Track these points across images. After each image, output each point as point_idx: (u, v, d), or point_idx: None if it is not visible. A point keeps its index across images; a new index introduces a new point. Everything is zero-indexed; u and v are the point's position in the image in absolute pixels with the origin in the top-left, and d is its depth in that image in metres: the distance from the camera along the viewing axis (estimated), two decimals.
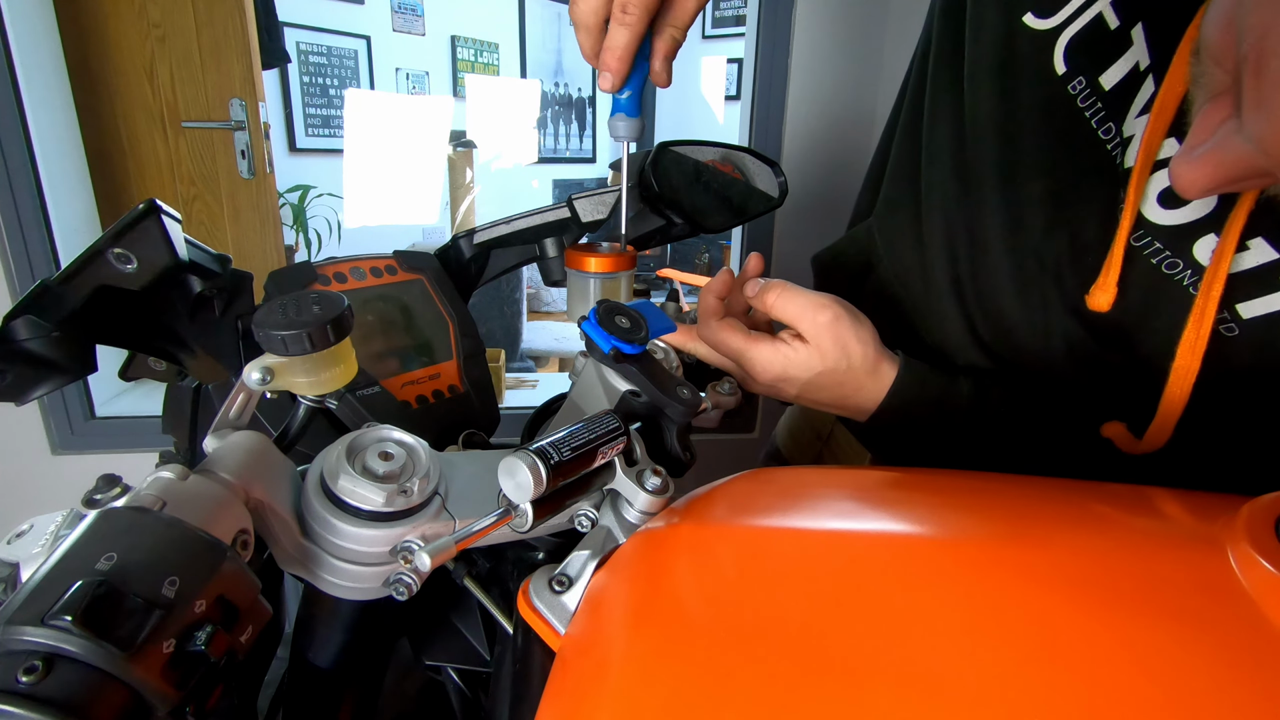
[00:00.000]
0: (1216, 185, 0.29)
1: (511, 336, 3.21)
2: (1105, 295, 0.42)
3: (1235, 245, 0.37)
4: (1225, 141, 0.27)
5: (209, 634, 0.25)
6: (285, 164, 3.27)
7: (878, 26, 1.40)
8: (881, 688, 0.21)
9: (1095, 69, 0.42)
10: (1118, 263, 0.41)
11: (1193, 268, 0.40)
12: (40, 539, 0.33)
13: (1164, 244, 0.41)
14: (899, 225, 0.56)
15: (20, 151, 1.30)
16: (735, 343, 0.49)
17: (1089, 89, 0.42)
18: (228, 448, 0.34)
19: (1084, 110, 0.43)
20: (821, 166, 1.46)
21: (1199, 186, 0.29)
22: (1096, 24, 0.42)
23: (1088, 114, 0.43)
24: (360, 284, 0.51)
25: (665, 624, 0.25)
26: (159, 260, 0.38)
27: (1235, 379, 0.40)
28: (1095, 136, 0.43)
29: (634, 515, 0.36)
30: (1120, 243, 0.41)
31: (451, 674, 0.51)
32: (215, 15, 1.92)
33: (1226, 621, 0.22)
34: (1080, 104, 0.43)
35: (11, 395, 0.37)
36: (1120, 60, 0.41)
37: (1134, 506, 0.32)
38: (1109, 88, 0.42)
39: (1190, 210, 0.40)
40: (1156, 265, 0.41)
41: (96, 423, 1.46)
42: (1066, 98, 0.43)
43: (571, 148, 4.74)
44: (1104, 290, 0.42)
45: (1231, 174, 0.28)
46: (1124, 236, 0.41)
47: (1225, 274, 0.38)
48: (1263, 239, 0.38)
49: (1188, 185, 0.30)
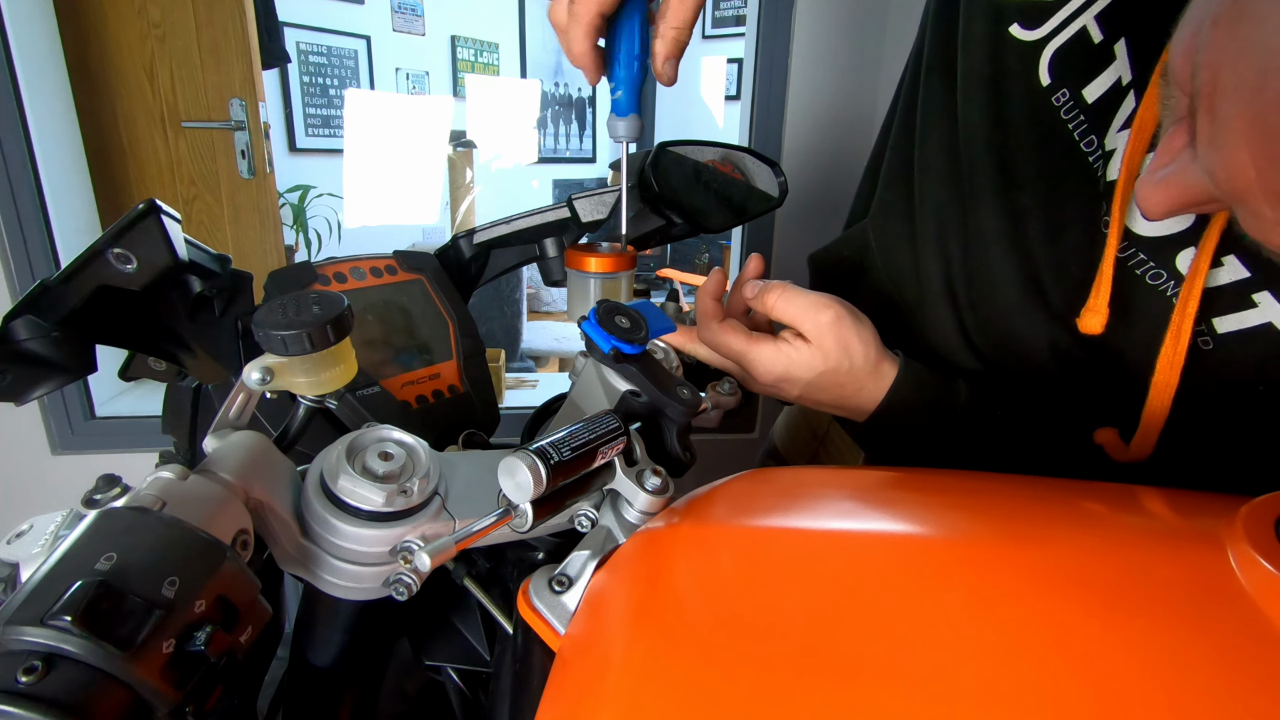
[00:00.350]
0: (1177, 209, 0.30)
1: (511, 336, 3.21)
2: (1097, 318, 0.41)
3: (1210, 260, 0.38)
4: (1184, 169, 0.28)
5: (209, 634, 0.25)
6: (285, 164, 3.27)
7: (878, 26, 1.40)
8: (882, 687, 0.21)
9: (1079, 81, 0.42)
10: (1107, 282, 0.41)
11: (1176, 279, 0.40)
12: (40, 539, 0.33)
13: (1148, 255, 0.41)
14: (893, 228, 0.56)
15: (20, 151, 1.30)
16: (737, 344, 0.50)
17: (1072, 101, 0.43)
18: (228, 448, 0.34)
19: (1068, 122, 0.43)
20: (821, 167, 1.46)
21: (1161, 209, 0.30)
22: (1081, 37, 0.42)
23: (1070, 125, 0.43)
24: (360, 284, 0.51)
25: (665, 624, 0.25)
26: (159, 260, 0.38)
27: (1213, 392, 0.41)
28: (1078, 148, 0.43)
29: (634, 515, 0.36)
30: (1109, 261, 0.41)
31: (451, 674, 0.51)
32: (215, 15, 1.92)
33: (1226, 621, 0.22)
34: (1064, 115, 0.43)
35: (11, 395, 0.37)
36: (1103, 74, 0.41)
37: (1133, 507, 0.32)
38: (1092, 101, 0.42)
39: (1173, 222, 0.40)
40: (1140, 276, 0.42)
41: (96, 423, 1.46)
42: (1051, 109, 0.43)
43: (571, 148, 4.73)
44: (1095, 313, 0.41)
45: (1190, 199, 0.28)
46: (1111, 255, 0.41)
47: (1200, 289, 0.38)
48: (1235, 256, 0.38)
49: (1151, 207, 0.30)
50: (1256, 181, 0.22)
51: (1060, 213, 0.44)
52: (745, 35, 1.42)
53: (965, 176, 0.48)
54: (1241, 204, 0.24)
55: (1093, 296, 0.42)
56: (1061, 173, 0.44)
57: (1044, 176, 0.45)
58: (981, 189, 0.47)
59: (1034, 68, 0.44)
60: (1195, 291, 0.38)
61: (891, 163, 0.57)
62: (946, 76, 0.49)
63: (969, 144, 0.48)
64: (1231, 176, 0.23)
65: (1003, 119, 0.46)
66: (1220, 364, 0.40)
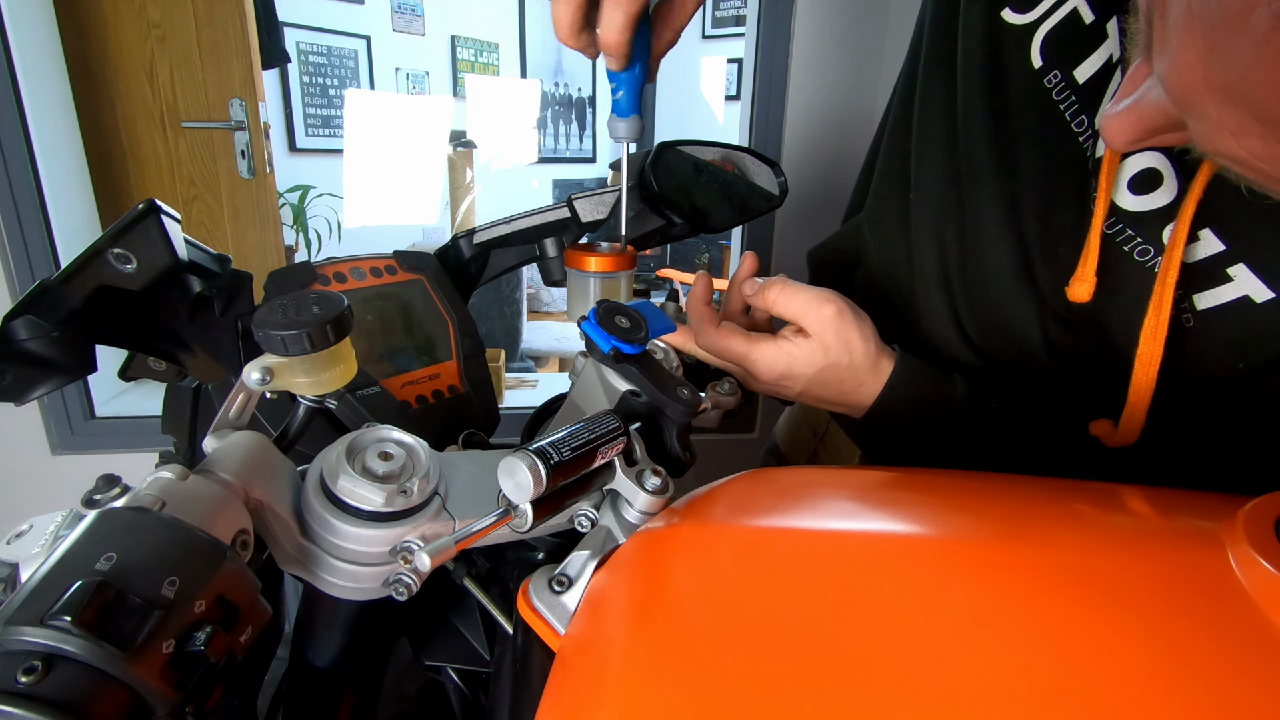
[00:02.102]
0: (1138, 135, 0.29)
1: (511, 336, 3.21)
2: (1084, 286, 0.42)
3: (1187, 232, 0.38)
4: (1146, 93, 0.28)
5: (209, 634, 0.25)
6: (285, 164, 3.27)
7: (878, 26, 1.40)
8: (882, 687, 0.21)
9: (1071, 62, 0.43)
10: (1094, 252, 0.41)
11: (1161, 253, 0.41)
12: (40, 539, 0.33)
13: (1135, 230, 0.42)
14: (888, 219, 0.56)
15: (20, 151, 1.30)
16: (737, 347, 0.50)
17: (1064, 82, 0.43)
18: (227, 448, 0.34)
19: (1060, 103, 0.43)
20: (821, 166, 1.46)
21: (1122, 138, 0.29)
22: (1072, 18, 0.42)
23: (1062, 107, 0.43)
24: (360, 284, 0.51)
25: (665, 624, 0.25)
26: (159, 260, 0.38)
27: (1197, 371, 0.41)
28: (1069, 129, 0.43)
29: (634, 515, 0.36)
30: (1095, 231, 0.41)
31: (451, 674, 0.51)
32: (215, 15, 1.92)
33: (1226, 621, 0.22)
34: (1056, 97, 0.43)
35: (11, 395, 0.37)
36: (1095, 54, 0.42)
37: (1133, 506, 0.32)
38: (1083, 81, 0.42)
39: (1159, 195, 0.40)
40: (1129, 253, 0.42)
41: (96, 423, 1.46)
42: (1043, 90, 0.44)
43: (571, 148, 4.73)
44: (1083, 281, 0.42)
45: (1151, 124, 0.28)
46: (1099, 225, 0.41)
47: (1179, 261, 0.38)
48: (1210, 230, 0.39)
49: (1111, 136, 0.30)
50: (1203, 79, 0.22)
51: (1053, 194, 0.45)
52: (745, 35, 1.42)
53: (962, 161, 0.48)
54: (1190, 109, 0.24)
55: (1081, 265, 0.42)
56: (1054, 155, 0.44)
57: (1037, 159, 0.45)
58: (977, 174, 0.47)
59: (1026, 51, 0.44)
60: (1174, 262, 0.38)
61: (888, 152, 0.57)
62: (944, 65, 0.50)
63: (966, 128, 0.48)
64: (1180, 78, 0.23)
65: (998, 103, 0.46)
66: (1202, 342, 0.40)
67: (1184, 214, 0.38)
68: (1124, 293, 0.42)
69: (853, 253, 0.60)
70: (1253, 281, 0.38)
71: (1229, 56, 0.21)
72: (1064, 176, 0.44)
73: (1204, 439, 0.43)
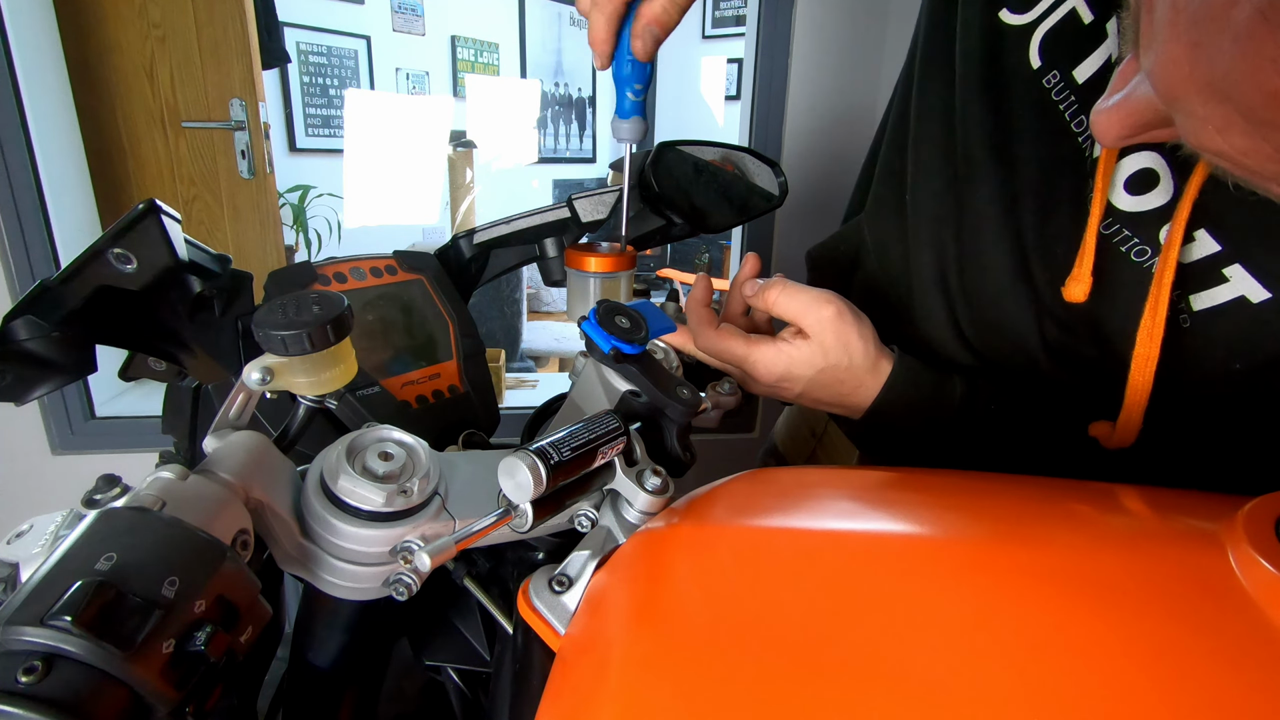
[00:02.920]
0: (1127, 131, 0.29)
1: (511, 336, 3.21)
2: (1080, 286, 0.42)
3: (1183, 233, 0.38)
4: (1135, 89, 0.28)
5: (209, 634, 0.25)
6: (285, 164, 3.27)
7: (878, 26, 1.40)
8: (881, 687, 0.21)
9: (1069, 63, 0.43)
10: (1090, 252, 0.41)
11: (1158, 253, 0.41)
12: (40, 539, 0.33)
13: (1131, 230, 0.42)
14: (887, 219, 0.56)
15: (20, 151, 1.30)
16: (736, 349, 0.50)
17: (1063, 82, 0.43)
18: (228, 448, 0.34)
19: (1059, 103, 0.43)
20: (821, 166, 1.46)
21: (1112, 133, 0.30)
22: (1070, 18, 0.42)
23: (1061, 107, 0.43)
24: (360, 284, 0.51)
25: (665, 624, 0.25)
26: (159, 260, 0.38)
27: (1194, 372, 0.41)
28: (1068, 129, 0.43)
29: (634, 515, 0.36)
30: (1091, 231, 0.41)
31: (451, 674, 0.51)
32: (215, 15, 1.92)
33: (1226, 621, 0.22)
34: (1055, 97, 0.43)
35: (11, 395, 0.37)
36: (1094, 54, 0.42)
37: (1133, 507, 0.32)
38: (1082, 81, 0.42)
39: (1155, 195, 0.40)
40: (1125, 253, 0.42)
41: (96, 423, 1.46)
42: (1042, 90, 0.44)
43: (571, 148, 4.73)
44: (1079, 281, 0.42)
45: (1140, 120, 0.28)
46: (1095, 225, 0.41)
47: (1175, 261, 0.38)
48: (1205, 230, 0.39)
49: (1102, 131, 0.30)
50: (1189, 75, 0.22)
51: (1051, 195, 0.45)
52: (745, 35, 1.42)
53: (960, 161, 0.48)
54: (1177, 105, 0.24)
55: (1077, 265, 0.42)
56: (1053, 155, 0.44)
57: (1036, 159, 0.45)
58: (976, 174, 0.47)
59: (1024, 51, 0.44)
60: (1170, 262, 0.38)
61: (886, 157, 0.57)
62: (942, 65, 0.50)
63: (964, 129, 0.48)
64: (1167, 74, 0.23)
65: (996, 103, 0.46)
66: (1199, 343, 0.40)
67: (1180, 214, 0.38)
68: (1120, 293, 0.42)
69: (852, 253, 0.60)
70: (1249, 282, 0.38)
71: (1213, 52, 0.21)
72: (1062, 177, 0.44)
73: (1202, 440, 0.43)
